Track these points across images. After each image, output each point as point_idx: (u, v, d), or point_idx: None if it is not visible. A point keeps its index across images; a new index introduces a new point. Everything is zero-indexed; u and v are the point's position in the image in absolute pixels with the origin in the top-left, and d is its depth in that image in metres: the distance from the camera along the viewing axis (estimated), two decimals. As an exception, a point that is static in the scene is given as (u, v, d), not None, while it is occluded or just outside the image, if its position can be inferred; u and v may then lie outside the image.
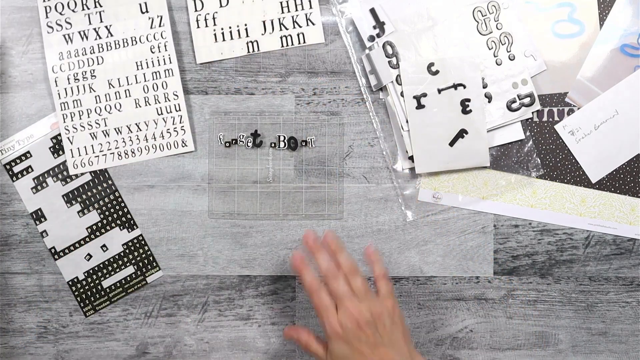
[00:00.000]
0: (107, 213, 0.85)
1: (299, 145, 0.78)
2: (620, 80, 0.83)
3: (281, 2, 0.84)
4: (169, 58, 0.84)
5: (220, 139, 0.78)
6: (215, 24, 0.84)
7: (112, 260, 0.85)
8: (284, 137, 0.77)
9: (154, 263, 0.85)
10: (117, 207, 0.85)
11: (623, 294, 0.85)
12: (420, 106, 0.82)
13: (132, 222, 0.85)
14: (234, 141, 0.79)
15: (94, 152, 0.84)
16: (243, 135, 0.78)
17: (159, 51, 0.84)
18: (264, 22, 0.84)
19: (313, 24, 0.84)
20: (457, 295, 0.85)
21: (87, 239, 0.85)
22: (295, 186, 0.84)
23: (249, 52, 0.84)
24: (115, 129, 0.84)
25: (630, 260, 0.84)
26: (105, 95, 0.84)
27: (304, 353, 0.85)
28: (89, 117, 0.84)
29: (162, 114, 0.84)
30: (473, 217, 0.84)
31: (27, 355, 0.86)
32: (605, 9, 0.83)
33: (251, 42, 0.84)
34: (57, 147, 0.84)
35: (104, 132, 0.84)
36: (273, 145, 0.78)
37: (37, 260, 0.85)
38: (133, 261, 0.85)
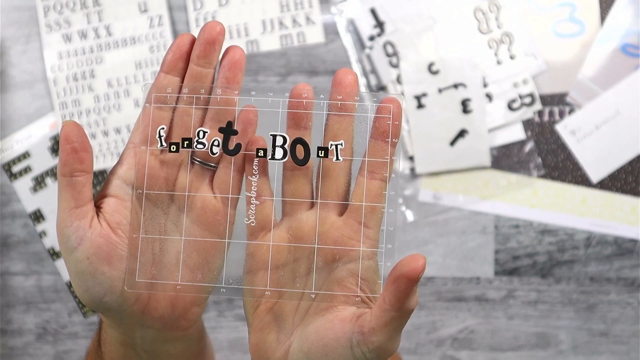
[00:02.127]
0: (106, 213, 0.85)
1: (312, 156, 0.41)
2: (622, 79, 0.83)
3: (281, 1, 0.84)
4: (169, 58, 0.84)
5: (159, 135, 0.42)
6: (214, 24, 0.84)
7: (111, 260, 0.85)
8: (285, 140, 0.41)
9: (153, 263, 0.85)
10: (116, 207, 0.85)
11: (624, 294, 0.84)
12: (420, 106, 0.82)
13: (131, 222, 0.84)
14: (185, 143, 0.42)
15: (92, 152, 0.84)
16: (203, 133, 0.42)
17: (159, 51, 0.84)
18: (263, 21, 0.84)
19: (313, 23, 0.84)
20: (458, 296, 0.85)
21: (86, 239, 0.85)
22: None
23: (248, 51, 0.84)
24: (114, 129, 0.84)
25: (631, 261, 0.84)
26: (105, 95, 0.84)
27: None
28: (87, 117, 0.84)
29: (161, 113, 0.84)
30: (474, 217, 0.84)
31: (26, 356, 0.86)
32: (606, 8, 0.83)
33: (251, 41, 0.84)
34: (56, 147, 0.84)
35: (103, 132, 0.84)
36: (261, 154, 0.41)
37: (36, 260, 0.85)
38: (132, 261, 0.85)
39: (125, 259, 0.41)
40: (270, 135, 0.41)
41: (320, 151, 0.41)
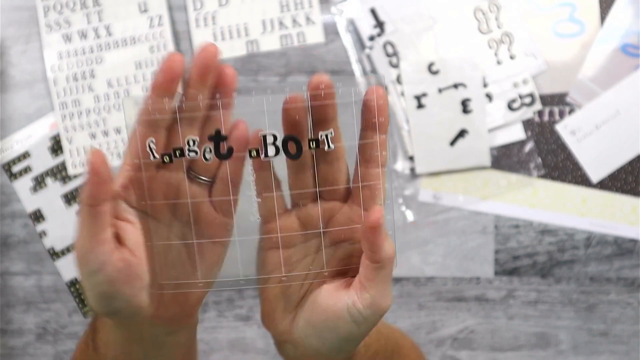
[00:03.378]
0: (106, 213, 0.85)
1: (304, 149, 0.42)
2: (622, 79, 0.83)
3: (281, 1, 0.84)
4: (169, 58, 0.84)
5: (150, 148, 0.42)
6: (214, 23, 0.84)
7: (111, 260, 0.85)
8: (275, 138, 0.42)
9: (153, 263, 0.85)
10: (116, 207, 0.85)
11: (624, 294, 0.84)
12: (420, 106, 0.82)
13: (131, 222, 0.84)
14: (177, 152, 0.42)
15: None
16: (194, 142, 0.43)
17: (159, 51, 0.84)
18: (263, 21, 0.84)
19: (313, 23, 0.84)
20: (458, 296, 0.85)
21: (86, 239, 0.85)
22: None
23: (248, 51, 0.84)
24: (114, 129, 0.84)
25: (631, 261, 0.84)
26: (105, 95, 0.84)
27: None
28: (87, 117, 0.84)
29: (161, 113, 0.84)
30: (474, 217, 0.84)
31: (27, 356, 0.86)
32: (606, 8, 0.83)
33: (251, 41, 0.84)
34: (55, 147, 0.84)
35: (103, 132, 0.84)
36: (254, 154, 0.42)
37: (36, 260, 0.85)
38: (132, 261, 0.85)
39: (141, 276, 0.42)
40: (261, 135, 0.42)
41: (311, 142, 0.41)
